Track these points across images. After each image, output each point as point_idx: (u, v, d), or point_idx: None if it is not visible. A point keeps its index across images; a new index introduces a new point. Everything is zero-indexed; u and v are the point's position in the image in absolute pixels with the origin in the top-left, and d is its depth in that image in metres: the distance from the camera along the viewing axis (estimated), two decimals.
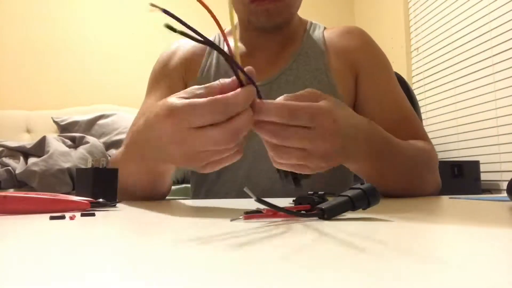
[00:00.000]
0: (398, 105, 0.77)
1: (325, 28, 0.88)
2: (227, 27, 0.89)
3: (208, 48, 0.84)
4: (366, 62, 0.81)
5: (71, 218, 0.36)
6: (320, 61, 0.80)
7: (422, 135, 0.75)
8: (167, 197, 0.69)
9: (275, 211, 0.33)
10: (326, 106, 0.46)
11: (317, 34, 0.85)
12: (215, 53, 0.83)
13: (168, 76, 0.83)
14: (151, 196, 0.62)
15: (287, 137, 0.43)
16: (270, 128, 0.43)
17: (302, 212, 0.34)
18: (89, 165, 0.52)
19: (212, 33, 0.89)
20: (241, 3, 0.77)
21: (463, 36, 2.19)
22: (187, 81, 0.83)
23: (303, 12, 0.89)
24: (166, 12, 0.32)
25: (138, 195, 0.61)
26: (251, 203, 0.51)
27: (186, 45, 0.87)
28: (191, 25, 0.36)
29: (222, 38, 0.86)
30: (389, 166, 0.60)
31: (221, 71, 0.80)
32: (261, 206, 0.33)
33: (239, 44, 0.85)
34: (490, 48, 2.01)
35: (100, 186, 0.51)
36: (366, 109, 0.77)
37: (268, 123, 0.43)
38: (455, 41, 2.26)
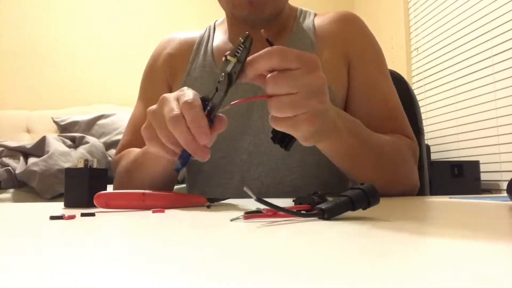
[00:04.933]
0: (385, 100, 0.76)
1: (315, 14, 0.84)
2: (218, 19, 0.89)
3: (195, 45, 0.84)
4: (358, 53, 0.78)
5: (71, 217, 0.36)
6: None
7: (406, 133, 0.74)
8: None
9: (275, 211, 0.33)
10: (312, 54, 0.47)
11: (307, 23, 0.82)
12: (201, 51, 0.82)
13: (154, 82, 0.84)
14: (156, 186, 0.66)
15: (278, 82, 0.44)
16: (265, 79, 0.45)
17: (302, 212, 0.34)
18: (80, 165, 0.52)
19: (204, 25, 0.88)
20: None
21: (463, 36, 2.19)
22: (172, 82, 0.83)
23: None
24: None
25: (145, 185, 0.66)
26: (251, 203, 0.51)
27: (174, 41, 0.86)
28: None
29: (212, 31, 0.86)
30: (360, 149, 0.61)
31: (207, 69, 0.79)
32: (261, 206, 0.33)
33: (226, 40, 0.83)
34: (490, 48, 2.01)
35: (93, 186, 0.51)
36: (354, 103, 0.76)
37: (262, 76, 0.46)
38: (455, 41, 2.26)
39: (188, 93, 0.48)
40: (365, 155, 0.62)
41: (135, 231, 0.30)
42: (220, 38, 0.84)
